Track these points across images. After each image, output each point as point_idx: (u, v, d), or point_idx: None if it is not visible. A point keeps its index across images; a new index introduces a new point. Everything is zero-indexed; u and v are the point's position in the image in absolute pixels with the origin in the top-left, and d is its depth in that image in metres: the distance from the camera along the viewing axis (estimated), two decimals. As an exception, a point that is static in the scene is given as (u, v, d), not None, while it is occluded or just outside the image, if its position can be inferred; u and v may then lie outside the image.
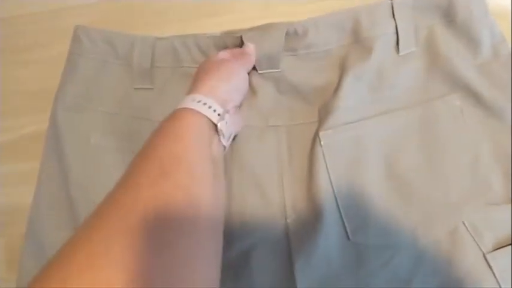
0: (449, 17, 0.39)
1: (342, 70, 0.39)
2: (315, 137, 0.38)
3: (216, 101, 0.32)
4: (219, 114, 0.32)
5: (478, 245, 0.34)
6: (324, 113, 0.39)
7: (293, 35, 0.40)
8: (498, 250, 0.33)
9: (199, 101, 0.32)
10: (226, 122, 0.33)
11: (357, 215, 0.36)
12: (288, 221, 0.37)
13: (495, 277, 0.33)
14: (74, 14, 0.49)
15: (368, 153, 0.37)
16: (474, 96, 0.37)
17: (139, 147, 0.39)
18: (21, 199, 0.42)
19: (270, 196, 0.38)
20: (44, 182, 0.40)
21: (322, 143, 0.37)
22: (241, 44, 0.41)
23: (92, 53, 0.42)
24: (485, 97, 0.37)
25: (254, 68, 0.41)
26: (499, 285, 0.32)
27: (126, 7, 0.49)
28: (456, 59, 0.38)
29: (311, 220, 0.36)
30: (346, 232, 0.36)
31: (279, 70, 0.40)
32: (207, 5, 0.47)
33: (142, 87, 0.42)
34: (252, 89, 0.41)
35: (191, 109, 0.31)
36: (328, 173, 0.37)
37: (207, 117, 0.31)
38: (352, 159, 0.37)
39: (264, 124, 0.40)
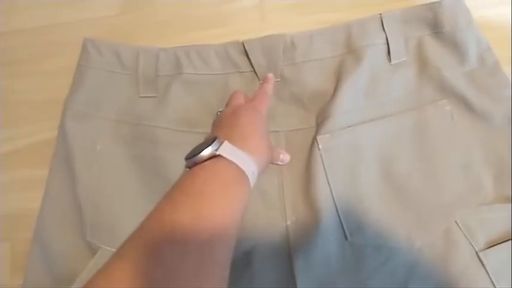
0: (436, 28, 0.41)
1: (338, 78, 0.41)
2: (313, 142, 0.39)
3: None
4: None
5: (471, 243, 0.35)
6: (321, 118, 0.40)
7: (290, 46, 0.42)
8: (490, 248, 0.35)
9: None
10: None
11: (354, 216, 0.37)
12: (288, 223, 0.38)
13: (488, 274, 0.34)
14: (78, 28, 0.50)
15: (364, 156, 0.39)
16: (463, 102, 0.39)
17: (142, 153, 0.41)
18: (26, 205, 0.43)
19: (270, 199, 0.39)
20: (53, 188, 0.41)
21: (320, 147, 0.39)
22: (244, 51, 0.42)
23: (99, 64, 0.43)
24: (474, 102, 0.39)
25: (256, 77, 0.43)
26: (492, 282, 0.34)
27: (130, 21, 0.50)
28: (444, 68, 0.40)
29: (310, 221, 0.37)
30: (344, 233, 0.37)
31: (278, 79, 0.42)
32: (206, 18, 0.49)
33: (146, 96, 0.43)
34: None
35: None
36: (327, 176, 0.38)
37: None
38: (349, 162, 0.39)
39: (264, 130, 0.41)
